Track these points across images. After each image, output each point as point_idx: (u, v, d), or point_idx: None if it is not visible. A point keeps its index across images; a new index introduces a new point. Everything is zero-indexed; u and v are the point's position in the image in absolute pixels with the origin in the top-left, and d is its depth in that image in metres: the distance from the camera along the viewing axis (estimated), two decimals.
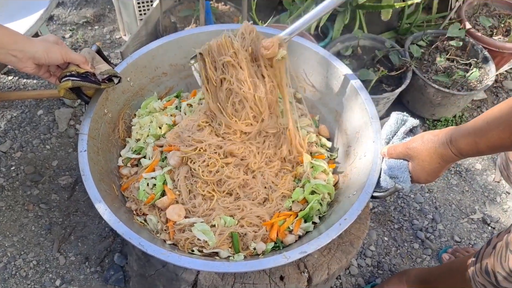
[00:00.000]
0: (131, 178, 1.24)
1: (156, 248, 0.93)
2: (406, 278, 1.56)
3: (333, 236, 0.96)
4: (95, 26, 2.64)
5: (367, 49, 2.20)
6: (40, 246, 1.74)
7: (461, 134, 0.89)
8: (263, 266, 0.93)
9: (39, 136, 2.08)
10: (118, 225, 0.96)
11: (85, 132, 1.12)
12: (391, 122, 1.12)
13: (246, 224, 1.12)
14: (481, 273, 1.14)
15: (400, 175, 1.01)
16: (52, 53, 1.04)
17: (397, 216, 1.92)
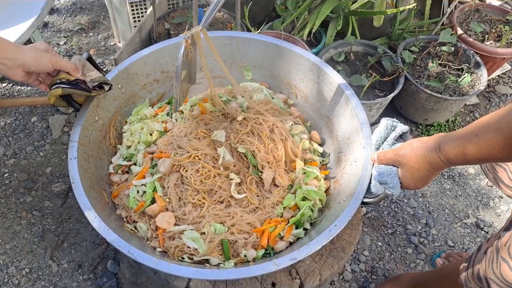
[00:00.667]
0: (122, 185, 1.24)
1: (146, 256, 0.93)
2: (399, 283, 1.57)
3: (323, 242, 0.96)
4: (90, 33, 2.65)
5: (359, 55, 2.21)
6: (32, 254, 1.74)
7: (449, 141, 0.89)
8: (253, 274, 0.93)
9: (33, 143, 2.08)
10: (107, 232, 0.96)
11: (75, 140, 1.12)
12: (381, 128, 1.13)
13: (236, 231, 1.12)
14: (473, 279, 1.14)
15: (389, 181, 1.02)
16: (42, 61, 1.05)
17: (390, 221, 1.92)
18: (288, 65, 1.44)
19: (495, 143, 0.79)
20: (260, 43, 1.47)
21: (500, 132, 0.78)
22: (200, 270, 0.93)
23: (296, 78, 1.46)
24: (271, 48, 1.46)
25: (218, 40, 1.47)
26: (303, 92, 1.46)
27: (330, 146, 1.38)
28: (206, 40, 1.22)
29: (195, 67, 1.32)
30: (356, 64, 2.16)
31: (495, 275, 1.06)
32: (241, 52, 1.50)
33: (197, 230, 1.10)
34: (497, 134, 0.78)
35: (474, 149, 0.83)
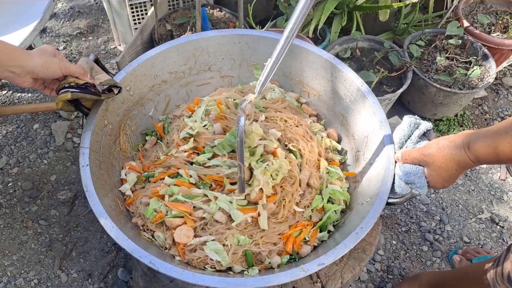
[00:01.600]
0: (137, 192, 1.20)
1: (169, 266, 0.89)
2: (418, 283, 1.53)
3: (351, 246, 0.93)
4: (89, 37, 2.61)
5: (365, 51, 2.18)
6: (40, 264, 1.69)
7: (479, 140, 0.86)
8: (281, 281, 0.89)
9: (36, 150, 2.03)
10: (126, 242, 0.92)
11: (86, 146, 1.08)
12: (404, 126, 1.09)
13: (262, 243, 1.07)
14: (503, 281, 1.11)
15: (416, 181, 0.98)
16: (51, 67, 1.01)
17: (404, 219, 1.89)
18: (299, 62, 1.41)
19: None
20: (270, 41, 1.43)
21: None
22: (226, 279, 0.89)
23: (308, 76, 1.42)
24: None
25: (227, 39, 1.43)
26: (315, 90, 1.42)
27: (346, 145, 1.34)
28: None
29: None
30: (363, 60, 2.13)
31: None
32: (251, 50, 1.47)
33: (219, 241, 1.06)
34: None
35: (508, 148, 0.80)
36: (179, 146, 1.28)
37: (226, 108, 1.34)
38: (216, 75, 1.50)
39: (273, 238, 1.08)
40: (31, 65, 0.97)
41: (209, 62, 1.47)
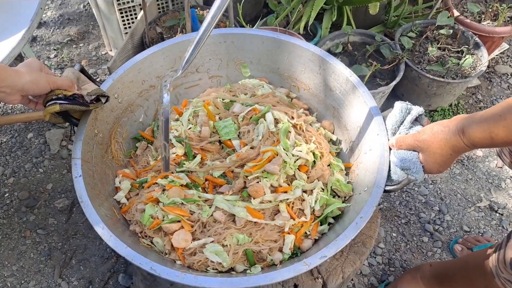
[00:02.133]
0: (131, 200, 1.18)
1: (170, 271, 0.89)
2: (420, 274, 1.52)
3: (352, 236, 0.93)
4: (80, 44, 2.60)
5: (357, 45, 2.18)
6: (41, 273, 1.68)
7: (474, 124, 0.86)
8: (284, 277, 0.89)
9: (31, 160, 2.02)
10: (125, 250, 0.91)
11: (78, 156, 1.07)
12: (396, 112, 1.09)
13: (262, 241, 1.06)
14: (506, 268, 1.10)
15: (412, 167, 0.98)
16: (40, 84, 1.00)
17: (403, 211, 1.88)
18: (287, 57, 1.40)
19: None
20: (256, 38, 1.42)
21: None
22: (229, 280, 0.89)
23: (296, 71, 1.42)
24: (268, 42, 1.42)
25: (212, 39, 1.42)
26: (305, 84, 1.42)
27: (340, 137, 1.34)
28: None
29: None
30: (355, 54, 2.12)
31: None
32: (237, 49, 1.46)
33: (218, 242, 1.05)
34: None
35: (503, 132, 0.80)
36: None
37: (214, 109, 1.34)
38: (204, 76, 1.50)
39: (273, 235, 1.07)
40: (20, 83, 0.96)
41: (196, 63, 1.46)
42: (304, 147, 1.17)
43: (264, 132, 1.20)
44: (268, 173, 1.11)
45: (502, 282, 1.14)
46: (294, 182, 1.12)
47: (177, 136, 1.29)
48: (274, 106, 1.29)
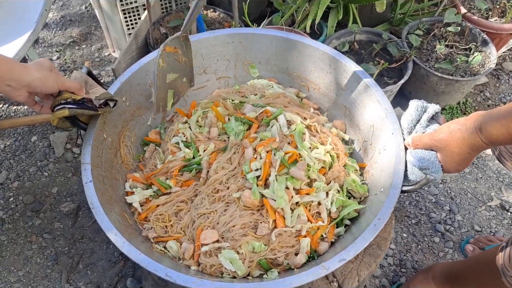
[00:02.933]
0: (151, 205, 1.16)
1: (186, 277, 0.87)
2: (432, 274, 1.50)
3: (370, 238, 0.91)
4: (83, 45, 2.57)
5: (363, 43, 2.15)
6: (47, 279, 1.66)
7: (491, 121, 0.84)
8: (303, 281, 0.87)
9: (36, 163, 2.00)
10: (140, 257, 0.89)
11: (87, 162, 1.05)
12: (411, 110, 1.07)
13: (278, 247, 1.04)
14: (510, 266, 1.08)
15: (431, 166, 0.96)
16: (48, 82, 0.98)
17: (413, 211, 1.86)
18: (296, 57, 1.38)
19: None
20: (264, 38, 1.40)
21: None
22: (245, 285, 0.87)
23: (306, 70, 1.40)
24: (276, 41, 1.40)
25: (219, 39, 1.40)
26: (315, 83, 1.40)
27: (352, 136, 1.32)
28: (186, 48, 1.19)
29: (191, 70, 1.26)
30: (361, 53, 2.10)
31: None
32: (245, 49, 1.44)
33: (233, 248, 1.03)
34: None
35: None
36: (174, 153, 1.25)
37: (224, 110, 1.32)
38: (212, 77, 1.47)
39: (290, 241, 1.05)
40: (28, 79, 0.94)
41: (204, 64, 1.44)
42: (321, 149, 1.15)
43: (278, 134, 1.18)
44: (292, 177, 1.09)
45: (509, 281, 1.12)
46: (316, 184, 1.10)
47: (185, 141, 1.27)
48: (285, 107, 1.27)
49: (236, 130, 1.23)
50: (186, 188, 1.17)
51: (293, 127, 1.20)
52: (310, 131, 1.23)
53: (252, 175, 1.10)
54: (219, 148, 1.22)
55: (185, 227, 1.10)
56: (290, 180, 1.09)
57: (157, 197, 1.17)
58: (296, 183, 1.09)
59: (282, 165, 1.11)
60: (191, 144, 1.24)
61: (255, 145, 1.17)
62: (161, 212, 1.12)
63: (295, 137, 1.16)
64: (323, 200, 1.09)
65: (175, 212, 1.14)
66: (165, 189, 1.17)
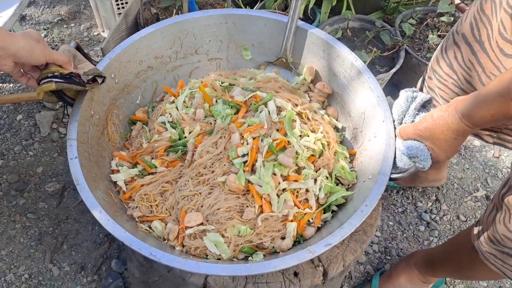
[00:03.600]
0: (131, 185, 1.14)
1: (170, 256, 0.86)
2: (414, 261, 1.52)
3: (357, 224, 0.91)
4: (71, 24, 2.52)
5: (356, 31, 2.14)
6: (31, 258, 1.64)
7: (473, 106, 0.85)
8: (288, 264, 0.87)
9: (21, 142, 1.96)
10: (124, 235, 0.88)
11: (73, 137, 1.03)
12: (401, 101, 1.06)
13: (264, 232, 1.03)
14: (487, 243, 1.11)
15: (419, 154, 0.96)
16: (35, 52, 0.95)
17: (400, 200, 1.87)
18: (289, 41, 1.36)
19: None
20: (258, 20, 1.38)
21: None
22: (231, 267, 0.86)
23: (299, 54, 1.38)
24: (270, 24, 1.37)
25: (213, 19, 1.38)
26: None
27: (343, 123, 1.31)
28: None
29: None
30: (354, 40, 2.09)
31: (509, 231, 1.01)
32: (238, 30, 1.41)
33: (218, 231, 1.02)
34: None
35: (504, 108, 0.78)
36: (160, 133, 1.23)
37: (212, 91, 1.29)
38: (203, 58, 1.45)
39: (276, 225, 1.04)
40: (14, 47, 0.91)
41: (196, 44, 1.41)
42: (312, 137, 1.14)
43: (267, 121, 1.16)
44: (280, 164, 1.08)
45: (486, 257, 1.14)
46: (304, 171, 1.09)
47: (171, 121, 1.25)
48: (276, 92, 1.25)
49: (223, 113, 1.21)
50: (172, 168, 1.15)
51: (283, 113, 1.18)
52: (301, 118, 1.21)
53: (239, 161, 1.09)
54: (206, 131, 1.20)
55: (170, 208, 1.09)
56: (277, 167, 1.08)
57: (142, 177, 1.16)
58: (283, 170, 1.08)
59: (270, 152, 1.09)
60: (177, 125, 1.22)
61: (242, 130, 1.15)
62: (146, 192, 1.10)
63: (285, 124, 1.14)
64: (311, 187, 1.08)
65: (160, 192, 1.12)
66: (150, 168, 1.16)
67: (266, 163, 1.08)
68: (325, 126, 1.21)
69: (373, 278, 1.58)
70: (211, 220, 1.05)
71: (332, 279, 1.09)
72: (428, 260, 1.47)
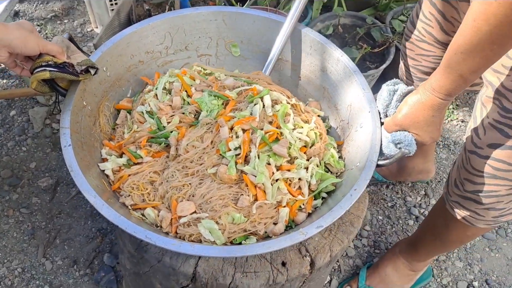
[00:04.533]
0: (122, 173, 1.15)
1: (166, 239, 0.87)
2: (398, 249, 1.55)
3: (347, 207, 0.94)
4: (65, 20, 2.53)
5: (347, 27, 2.16)
6: (24, 253, 1.66)
7: (439, 74, 0.87)
8: (281, 246, 0.89)
9: (14, 138, 1.97)
10: (119, 219, 0.89)
11: (66, 126, 1.04)
12: (384, 95, 1.09)
13: (258, 219, 1.05)
14: (453, 192, 1.17)
15: (403, 140, 0.98)
16: (29, 43, 0.96)
17: (389, 194, 1.90)
18: (274, 37, 1.38)
19: (491, 48, 0.75)
20: (247, 17, 1.40)
21: (488, 22, 0.72)
22: (226, 248, 0.89)
23: (287, 51, 1.40)
24: (259, 21, 1.39)
25: (203, 16, 1.40)
26: (295, 65, 1.40)
27: (331, 116, 1.33)
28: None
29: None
30: (345, 36, 2.11)
31: (468, 171, 1.09)
32: (228, 27, 1.43)
33: (212, 218, 1.04)
34: (489, 28, 0.73)
35: (473, 63, 0.80)
36: (142, 122, 1.25)
37: (190, 81, 1.31)
38: (193, 54, 1.47)
39: (270, 212, 1.07)
40: (8, 38, 0.92)
41: (186, 41, 1.43)
42: (306, 128, 1.16)
43: (260, 114, 1.18)
44: (275, 154, 1.10)
45: (451, 206, 1.21)
46: (297, 161, 1.12)
47: (149, 111, 1.25)
48: (269, 84, 1.27)
49: (209, 105, 1.22)
50: (158, 159, 1.17)
51: (277, 107, 1.19)
52: (295, 110, 1.23)
53: (231, 154, 1.11)
54: (188, 123, 1.21)
55: (161, 197, 1.11)
56: (272, 157, 1.10)
57: (129, 167, 1.17)
58: (278, 160, 1.10)
59: (263, 143, 1.11)
60: (154, 116, 1.23)
61: (231, 124, 1.16)
62: (134, 182, 1.12)
63: (278, 117, 1.16)
64: (303, 176, 1.10)
65: (149, 182, 1.14)
66: (135, 158, 1.17)
67: (261, 154, 1.10)
68: (317, 118, 1.23)
69: (361, 271, 1.60)
70: (204, 208, 1.07)
71: (319, 269, 1.11)
72: (410, 243, 1.51)
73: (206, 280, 1.03)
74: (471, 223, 1.20)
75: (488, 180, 1.06)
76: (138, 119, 1.25)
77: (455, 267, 1.72)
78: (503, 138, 0.98)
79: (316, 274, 1.13)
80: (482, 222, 1.18)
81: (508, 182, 1.04)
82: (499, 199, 1.09)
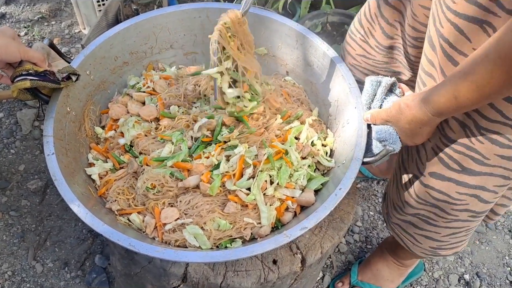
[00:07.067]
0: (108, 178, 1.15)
1: (149, 246, 0.87)
2: (385, 246, 1.56)
3: (331, 207, 0.93)
4: (52, 22, 2.50)
5: (336, 25, 2.17)
6: (14, 256, 1.64)
7: (436, 88, 0.82)
8: (265, 249, 0.89)
9: (2, 140, 1.96)
10: (103, 228, 0.89)
11: (49, 134, 1.04)
12: (367, 87, 1.10)
13: (244, 225, 1.04)
14: (393, 212, 1.20)
15: (388, 137, 0.98)
16: (10, 50, 0.96)
17: (380, 190, 1.91)
18: (263, 32, 1.38)
19: (499, 69, 0.68)
20: None
21: (499, 57, 0.67)
22: (210, 254, 0.88)
23: (273, 46, 1.40)
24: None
25: (187, 14, 1.39)
26: (282, 59, 1.41)
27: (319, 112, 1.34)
28: (243, 33, 1.13)
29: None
30: (333, 34, 2.12)
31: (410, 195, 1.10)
32: (212, 24, 1.42)
33: (197, 223, 1.03)
34: (497, 61, 0.67)
35: (467, 88, 0.74)
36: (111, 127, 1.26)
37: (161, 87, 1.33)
38: (179, 52, 1.46)
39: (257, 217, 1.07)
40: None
41: (171, 39, 1.42)
42: (319, 144, 1.20)
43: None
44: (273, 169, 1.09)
45: (392, 227, 1.23)
46: (296, 175, 1.12)
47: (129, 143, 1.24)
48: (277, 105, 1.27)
49: (183, 144, 1.16)
50: None
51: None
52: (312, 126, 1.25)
53: (218, 172, 1.09)
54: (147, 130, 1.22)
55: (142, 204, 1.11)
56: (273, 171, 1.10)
57: (114, 171, 1.17)
58: (281, 181, 1.09)
59: (267, 160, 1.09)
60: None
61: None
62: (118, 186, 1.12)
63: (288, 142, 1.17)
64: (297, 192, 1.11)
65: (132, 187, 1.14)
66: (119, 164, 1.17)
67: (260, 173, 1.08)
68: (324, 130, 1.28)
69: (353, 266, 1.61)
70: (190, 213, 1.06)
71: (310, 266, 1.11)
72: (391, 246, 1.52)
73: (197, 280, 1.03)
74: (407, 245, 1.22)
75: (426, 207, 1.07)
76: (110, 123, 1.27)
77: (446, 261, 1.74)
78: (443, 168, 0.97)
79: (307, 271, 1.13)
80: (419, 249, 1.20)
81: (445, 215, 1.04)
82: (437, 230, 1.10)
